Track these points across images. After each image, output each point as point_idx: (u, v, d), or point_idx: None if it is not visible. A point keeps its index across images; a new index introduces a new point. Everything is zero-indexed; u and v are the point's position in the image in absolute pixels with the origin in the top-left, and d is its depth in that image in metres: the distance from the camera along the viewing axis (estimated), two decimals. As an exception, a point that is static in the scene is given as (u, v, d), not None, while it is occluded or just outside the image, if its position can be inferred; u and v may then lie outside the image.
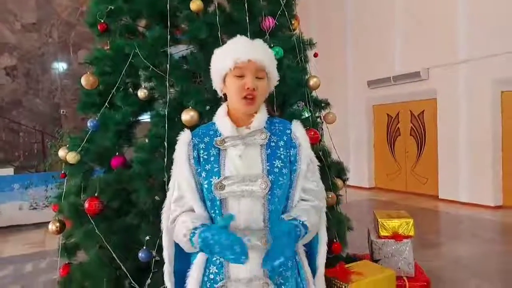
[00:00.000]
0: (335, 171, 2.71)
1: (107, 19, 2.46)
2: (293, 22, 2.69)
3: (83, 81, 2.42)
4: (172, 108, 2.23)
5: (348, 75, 9.77)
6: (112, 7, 2.43)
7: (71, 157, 2.30)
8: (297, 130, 1.35)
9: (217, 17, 2.27)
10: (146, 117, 2.57)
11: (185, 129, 1.39)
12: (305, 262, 1.35)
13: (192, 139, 1.33)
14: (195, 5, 2.25)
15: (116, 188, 2.28)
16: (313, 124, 2.53)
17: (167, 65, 2.25)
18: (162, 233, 1.34)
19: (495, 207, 6.65)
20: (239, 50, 1.28)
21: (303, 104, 2.58)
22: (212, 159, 1.28)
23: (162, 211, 1.35)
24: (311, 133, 2.33)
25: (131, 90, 2.55)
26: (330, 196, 2.46)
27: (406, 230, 2.92)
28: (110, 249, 2.15)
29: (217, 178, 1.24)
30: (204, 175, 1.27)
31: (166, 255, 1.34)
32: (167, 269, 1.34)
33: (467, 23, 6.90)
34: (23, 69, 9.89)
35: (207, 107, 2.20)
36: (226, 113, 1.32)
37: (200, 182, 1.29)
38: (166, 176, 2.00)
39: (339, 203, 2.72)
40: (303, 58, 2.63)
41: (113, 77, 2.40)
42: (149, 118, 2.50)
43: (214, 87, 1.38)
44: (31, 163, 9.38)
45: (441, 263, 4.07)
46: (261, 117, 1.31)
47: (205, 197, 1.28)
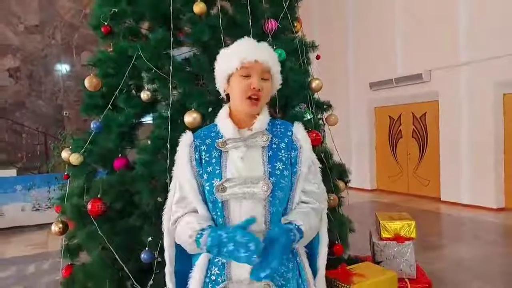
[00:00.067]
0: (337, 173, 2.71)
1: (110, 21, 2.47)
2: (295, 24, 2.69)
3: (86, 83, 2.43)
4: (174, 110, 2.24)
5: (350, 77, 9.77)
6: (115, 10, 2.45)
7: (74, 159, 2.32)
8: (298, 132, 1.35)
9: (220, 20, 2.28)
10: (148, 119, 2.57)
11: (187, 130, 1.38)
12: (306, 263, 1.35)
13: (194, 140, 1.33)
14: (198, 7, 2.26)
15: (118, 189, 2.30)
16: (315, 126, 2.54)
17: (170, 67, 2.25)
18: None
19: (497, 209, 6.63)
20: (246, 50, 1.28)
21: (305, 106, 2.59)
22: (213, 161, 1.28)
23: (163, 212, 1.35)
24: (313, 135, 2.34)
25: (134, 92, 2.56)
26: (332, 198, 2.47)
27: (408, 232, 2.92)
28: (112, 250, 2.16)
29: (218, 180, 1.24)
30: (205, 177, 1.27)
31: (167, 256, 1.34)
32: (168, 270, 1.34)
33: (469, 25, 6.90)
34: (26, 70, 9.93)
35: (210, 109, 2.20)
36: (228, 115, 1.32)
37: (202, 183, 1.29)
38: (168, 177, 2.00)
39: (341, 205, 2.73)
40: (305, 60, 2.64)
41: (116, 79, 2.42)
42: (152, 120, 2.51)
43: (217, 88, 1.38)
44: (33, 165, 9.40)
45: (443, 265, 4.06)
46: (263, 119, 1.31)
47: (206, 199, 1.28)
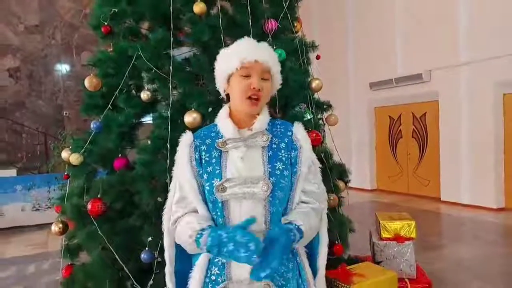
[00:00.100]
0: (337, 173, 2.71)
1: (110, 21, 2.47)
2: (295, 24, 2.69)
3: (86, 83, 2.43)
4: (174, 110, 2.24)
5: (350, 77, 9.77)
6: (115, 10, 2.45)
7: (74, 159, 2.32)
8: (298, 132, 1.35)
9: (220, 20, 2.28)
10: (148, 119, 2.57)
11: (187, 130, 1.38)
12: (306, 263, 1.35)
13: (194, 140, 1.32)
14: (198, 7, 2.26)
15: (118, 189, 2.30)
16: (315, 126, 2.54)
17: (170, 67, 2.25)
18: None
19: (497, 209, 6.63)
20: (246, 50, 1.28)
21: (305, 106, 2.59)
22: (213, 161, 1.28)
23: (163, 212, 1.35)
24: (313, 135, 2.34)
25: (134, 92, 2.56)
26: (332, 198, 2.47)
27: (408, 232, 2.92)
28: (112, 250, 2.16)
29: (218, 180, 1.24)
30: (205, 177, 1.27)
31: (167, 256, 1.34)
32: (168, 270, 1.34)
33: (469, 25, 6.90)
34: (26, 70, 9.93)
35: (210, 109, 2.20)
36: (228, 115, 1.32)
37: (202, 183, 1.29)
38: (168, 177, 2.00)
39: (341, 205, 2.73)
40: (305, 60, 2.64)
41: (116, 79, 2.42)
42: (152, 120, 2.51)
43: (217, 87, 1.38)
44: (33, 165, 9.40)
45: (443, 265, 4.06)
46: (263, 119, 1.31)
47: (206, 199, 1.28)
